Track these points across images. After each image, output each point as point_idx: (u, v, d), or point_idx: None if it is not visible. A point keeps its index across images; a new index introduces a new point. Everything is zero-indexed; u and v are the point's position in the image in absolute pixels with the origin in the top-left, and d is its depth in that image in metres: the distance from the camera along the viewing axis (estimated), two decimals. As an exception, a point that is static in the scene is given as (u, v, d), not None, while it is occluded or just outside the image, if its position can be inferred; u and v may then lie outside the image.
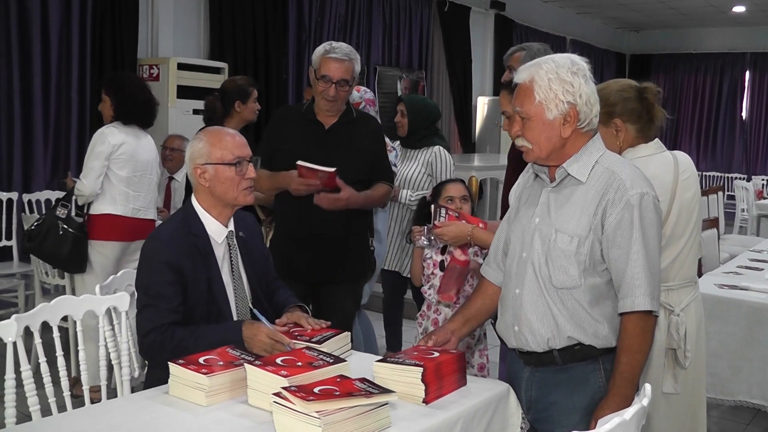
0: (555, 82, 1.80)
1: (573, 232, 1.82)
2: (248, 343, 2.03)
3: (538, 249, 1.87)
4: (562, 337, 1.86)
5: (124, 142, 3.58)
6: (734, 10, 10.70)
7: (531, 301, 1.89)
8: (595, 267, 1.82)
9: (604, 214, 1.80)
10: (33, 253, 3.71)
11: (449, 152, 3.94)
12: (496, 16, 9.77)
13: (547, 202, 1.91)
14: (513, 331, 1.95)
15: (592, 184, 1.84)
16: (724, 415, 3.72)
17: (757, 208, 7.42)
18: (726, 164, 12.56)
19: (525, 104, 1.84)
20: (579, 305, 1.84)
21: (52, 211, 3.55)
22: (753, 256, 4.19)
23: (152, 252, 2.13)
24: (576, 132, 1.84)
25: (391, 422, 1.67)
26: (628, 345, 1.80)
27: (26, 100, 5.07)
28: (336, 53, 2.80)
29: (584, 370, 1.87)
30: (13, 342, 1.98)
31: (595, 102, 1.84)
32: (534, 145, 1.86)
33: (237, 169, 2.17)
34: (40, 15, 5.07)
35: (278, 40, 6.70)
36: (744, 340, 3.08)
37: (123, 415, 1.75)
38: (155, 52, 5.84)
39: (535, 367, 1.94)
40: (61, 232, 3.48)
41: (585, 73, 1.83)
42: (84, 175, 3.53)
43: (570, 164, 1.86)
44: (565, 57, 1.86)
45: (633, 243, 1.77)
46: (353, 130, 2.92)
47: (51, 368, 2.10)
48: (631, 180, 1.81)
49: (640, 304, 1.77)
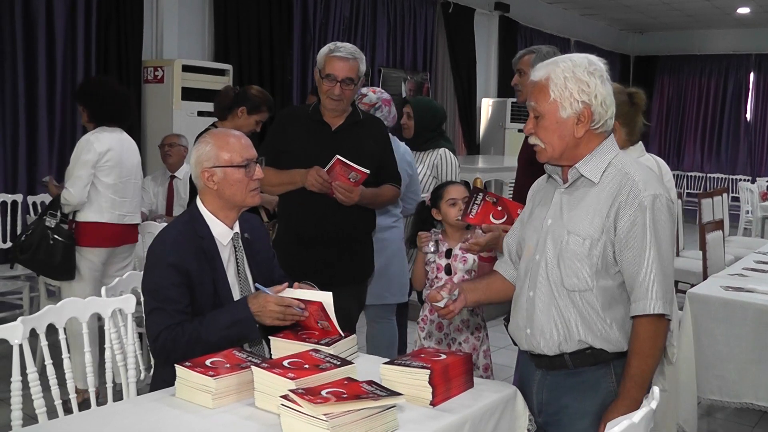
0: (571, 81, 1.80)
1: (585, 233, 1.81)
2: (259, 316, 2.04)
3: (550, 251, 1.86)
4: (573, 341, 1.84)
5: (109, 149, 3.58)
6: (739, 11, 10.68)
7: (543, 304, 1.87)
8: (608, 269, 1.81)
9: (617, 216, 1.79)
10: (24, 264, 3.65)
11: (455, 155, 3.94)
12: (500, 18, 9.77)
13: (559, 203, 1.90)
14: (525, 334, 1.94)
15: (605, 185, 1.82)
16: (729, 417, 3.71)
17: (761, 209, 7.39)
18: (730, 166, 12.53)
19: (539, 101, 1.84)
20: (591, 308, 1.82)
21: (41, 222, 3.52)
22: (758, 258, 4.17)
23: (158, 255, 2.13)
24: (589, 132, 1.83)
25: (398, 425, 1.67)
26: (639, 349, 1.79)
27: (31, 102, 5.08)
28: (340, 52, 2.80)
29: (595, 374, 1.86)
30: (19, 344, 1.98)
31: (611, 103, 1.83)
32: (547, 144, 1.85)
33: (246, 171, 2.17)
34: (45, 17, 5.08)
35: (283, 42, 6.70)
36: (750, 342, 3.07)
37: (129, 417, 1.75)
38: (160, 54, 5.85)
39: (547, 371, 1.93)
40: (51, 242, 3.46)
41: (602, 74, 1.82)
42: (71, 185, 3.50)
43: (582, 165, 1.85)
44: (582, 57, 1.85)
45: (645, 246, 1.76)
46: (360, 132, 2.91)
47: (57, 370, 2.10)
48: (644, 182, 1.79)
49: (653, 307, 1.76)
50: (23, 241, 3.51)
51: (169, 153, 4.71)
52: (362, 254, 3.02)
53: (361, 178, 2.76)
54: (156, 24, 5.84)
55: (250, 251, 2.29)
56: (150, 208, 4.75)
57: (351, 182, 2.76)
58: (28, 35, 5.02)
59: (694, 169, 12.80)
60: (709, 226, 4.47)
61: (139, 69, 5.63)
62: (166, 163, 4.76)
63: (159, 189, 4.77)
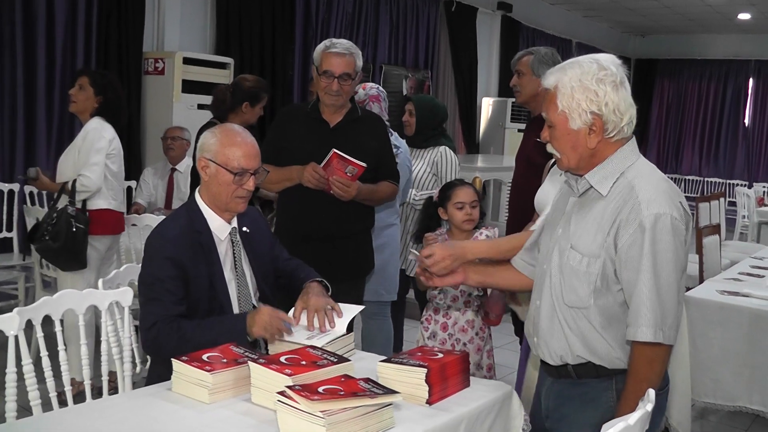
0: (578, 91, 1.71)
1: (585, 250, 1.75)
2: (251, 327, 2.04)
3: (555, 262, 1.82)
4: (573, 355, 1.81)
5: (114, 137, 3.63)
6: (740, 17, 10.69)
7: (546, 316, 1.84)
8: (609, 287, 1.74)
9: (617, 233, 1.70)
10: (47, 253, 3.55)
11: (456, 153, 3.94)
12: (502, 18, 9.76)
13: (571, 212, 1.84)
14: (533, 341, 1.92)
15: (611, 199, 1.74)
16: (722, 420, 3.72)
17: (758, 215, 7.41)
18: (728, 170, 12.55)
19: (549, 112, 1.78)
20: (590, 326, 1.77)
21: (65, 210, 3.51)
22: (754, 263, 4.19)
23: (156, 248, 2.13)
24: (604, 141, 1.74)
25: (394, 423, 1.67)
26: (635, 372, 1.73)
27: (30, 93, 5.05)
28: (336, 48, 2.81)
29: (597, 387, 1.81)
30: (15, 335, 1.97)
31: (626, 109, 1.73)
32: (562, 154, 1.79)
33: (236, 179, 2.15)
34: (45, 7, 5.05)
35: (285, 36, 6.69)
36: (745, 346, 3.08)
37: (125, 411, 1.74)
38: (161, 46, 5.83)
39: (555, 378, 1.90)
40: (74, 229, 3.48)
41: (614, 78, 1.72)
42: (90, 171, 3.52)
43: (592, 175, 1.77)
44: (592, 61, 1.75)
45: (642, 269, 1.67)
46: (358, 129, 2.91)
47: (52, 362, 2.09)
48: (648, 199, 1.68)
49: (642, 334, 1.68)
50: (49, 230, 3.48)
51: (171, 146, 4.68)
52: (360, 251, 3.02)
53: (358, 172, 2.76)
54: (158, 15, 5.82)
55: (249, 245, 2.28)
56: (149, 200, 4.73)
57: (348, 177, 2.76)
58: (27, 25, 5.00)
59: (691, 172, 12.83)
60: (705, 230, 4.48)
61: (139, 60, 5.61)
62: (167, 156, 4.74)
63: (159, 182, 4.75)
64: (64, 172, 3.61)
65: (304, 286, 2.27)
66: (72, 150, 3.62)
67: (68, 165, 3.60)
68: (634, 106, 1.76)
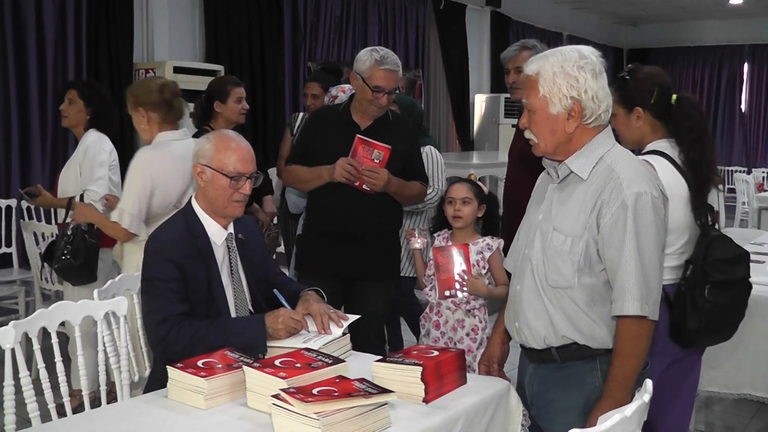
0: (559, 77, 1.77)
1: (568, 231, 1.81)
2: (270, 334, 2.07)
3: (537, 247, 1.87)
4: (557, 336, 1.84)
5: (112, 149, 3.63)
6: (731, 2, 10.68)
7: (529, 299, 1.88)
8: (591, 267, 1.80)
9: (600, 213, 1.77)
10: (68, 273, 3.44)
11: (440, 151, 3.94)
12: (492, 13, 9.76)
13: (551, 199, 1.89)
14: (514, 327, 1.95)
15: (592, 181, 1.80)
16: (727, 408, 3.72)
17: (757, 200, 7.40)
18: (726, 157, 12.53)
19: (530, 97, 1.83)
20: (575, 305, 1.81)
21: (79, 227, 3.45)
22: (754, 249, 4.15)
23: (157, 251, 2.14)
24: (581, 127, 1.81)
25: (390, 422, 1.67)
26: (621, 349, 1.77)
27: (23, 107, 5.06)
28: (388, 64, 2.85)
29: (582, 369, 1.85)
30: (11, 348, 1.97)
31: (604, 97, 1.80)
32: (540, 139, 1.84)
33: (232, 183, 2.16)
34: (35, 20, 5.06)
35: (274, 42, 6.70)
36: (748, 333, 3.06)
37: (122, 420, 1.74)
38: (151, 56, 5.84)
39: (537, 364, 1.93)
40: (88, 245, 3.46)
41: (594, 67, 1.79)
42: (98, 186, 3.50)
43: (572, 161, 1.84)
44: (573, 50, 1.82)
45: (626, 245, 1.73)
46: (388, 132, 2.94)
47: (50, 374, 2.09)
48: (629, 179, 1.75)
49: (629, 308, 1.73)
50: (71, 248, 3.44)
51: None
52: (388, 252, 3.05)
53: (384, 156, 2.82)
54: (146, 25, 5.83)
55: (244, 252, 2.29)
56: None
57: (376, 163, 2.82)
58: (18, 38, 5.01)
59: (689, 160, 12.80)
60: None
61: (130, 71, 5.61)
62: None
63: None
64: (67, 188, 3.60)
65: (301, 294, 2.29)
66: (72, 165, 3.61)
67: (70, 180, 3.60)
68: (610, 95, 1.82)
